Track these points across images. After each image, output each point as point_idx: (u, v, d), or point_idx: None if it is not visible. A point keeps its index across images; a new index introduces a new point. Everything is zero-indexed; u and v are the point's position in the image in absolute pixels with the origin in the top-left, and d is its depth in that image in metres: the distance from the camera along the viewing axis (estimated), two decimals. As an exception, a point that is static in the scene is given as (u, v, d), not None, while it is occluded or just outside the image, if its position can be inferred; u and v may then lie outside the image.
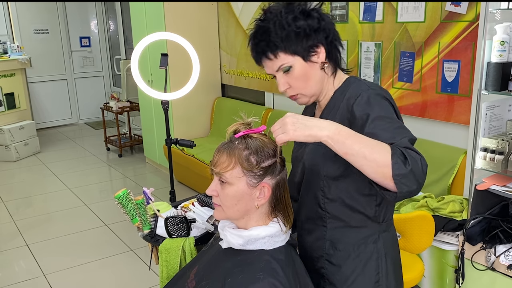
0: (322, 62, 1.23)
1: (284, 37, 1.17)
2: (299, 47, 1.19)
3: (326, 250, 1.32)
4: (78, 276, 3.06)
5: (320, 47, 1.21)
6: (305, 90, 1.25)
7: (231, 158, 1.18)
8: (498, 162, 2.11)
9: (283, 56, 1.20)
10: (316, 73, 1.23)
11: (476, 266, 2.18)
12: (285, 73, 1.22)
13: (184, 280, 1.33)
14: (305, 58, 1.21)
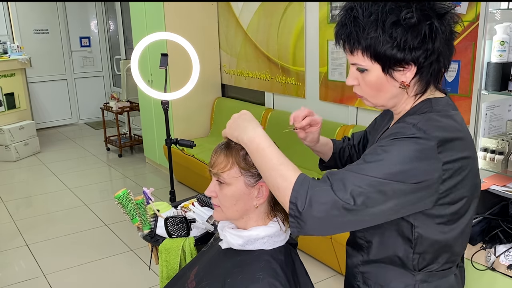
0: (403, 81, 1.02)
1: (371, 39, 0.97)
2: (383, 57, 0.98)
3: (358, 279, 1.19)
4: (78, 276, 3.06)
5: (410, 66, 1.00)
6: (373, 98, 1.07)
7: (228, 158, 1.18)
8: (498, 162, 2.11)
9: (360, 56, 1.01)
10: (392, 89, 1.04)
11: (476, 266, 2.18)
12: (359, 70, 1.04)
13: (184, 281, 1.33)
14: (385, 70, 1.01)
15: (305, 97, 3.83)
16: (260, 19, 4.16)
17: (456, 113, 1.06)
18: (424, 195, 0.96)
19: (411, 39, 0.96)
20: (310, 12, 3.62)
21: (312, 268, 3.00)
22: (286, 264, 1.20)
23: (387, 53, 0.98)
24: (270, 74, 4.18)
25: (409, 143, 0.95)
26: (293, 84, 3.93)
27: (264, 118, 4.18)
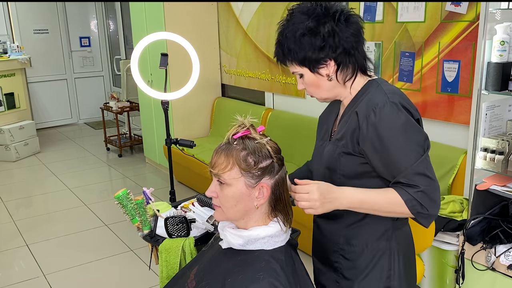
0: (328, 74, 1.27)
1: (292, 50, 1.24)
2: (305, 61, 1.25)
3: (341, 245, 1.37)
4: (78, 276, 3.06)
5: (329, 61, 1.25)
6: (318, 94, 1.33)
7: (229, 159, 1.18)
8: (498, 162, 2.11)
9: (294, 65, 1.28)
10: (325, 83, 1.29)
11: (476, 266, 2.18)
12: (299, 76, 1.31)
13: (184, 281, 1.33)
14: (311, 70, 1.27)
15: (305, 97, 3.83)
16: (260, 19, 4.16)
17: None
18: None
19: (315, 41, 1.22)
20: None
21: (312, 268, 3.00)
22: (287, 264, 1.20)
23: (306, 57, 1.24)
24: (270, 74, 4.18)
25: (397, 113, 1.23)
26: (293, 84, 3.93)
27: (264, 118, 4.18)
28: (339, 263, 1.37)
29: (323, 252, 1.43)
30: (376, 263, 1.34)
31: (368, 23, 3.14)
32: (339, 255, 1.37)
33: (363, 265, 1.34)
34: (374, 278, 1.34)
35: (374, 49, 3.13)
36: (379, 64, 3.11)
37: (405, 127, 1.22)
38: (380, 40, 3.08)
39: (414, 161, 1.20)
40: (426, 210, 1.20)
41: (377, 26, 3.08)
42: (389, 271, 1.34)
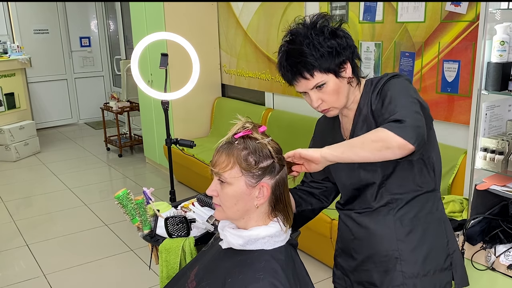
0: (349, 77, 1.32)
1: (319, 57, 1.25)
2: (332, 65, 1.27)
3: (396, 231, 1.37)
4: (78, 276, 3.06)
5: (347, 63, 1.31)
6: (337, 103, 1.33)
7: (230, 158, 1.18)
8: (498, 162, 2.11)
9: (318, 75, 1.27)
10: (345, 87, 1.33)
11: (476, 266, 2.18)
12: (317, 89, 1.30)
13: (184, 281, 1.33)
14: (336, 75, 1.29)
15: (305, 97, 3.83)
16: (260, 19, 4.16)
17: None
18: None
19: (339, 42, 1.29)
20: (310, 12, 3.61)
21: (312, 268, 3.01)
22: (287, 264, 1.20)
23: (334, 61, 1.28)
24: (270, 74, 4.18)
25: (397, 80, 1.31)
26: (293, 84, 3.93)
27: (264, 118, 4.18)
28: (398, 250, 1.36)
29: (372, 248, 1.40)
30: (433, 234, 1.38)
31: (368, 23, 3.14)
32: (396, 242, 1.36)
33: (422, 241, 1.36)
34: (436, 250, 1.38)
35: (374, 49, 3.13)
36: (379, 64, 3.11)
37: (408, 88, 1.28)
38: (380, 40, 3.08)
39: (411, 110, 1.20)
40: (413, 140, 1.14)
41: (377, 26, 3.08)
42: (446, 237, 1.40)
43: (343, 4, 3.29)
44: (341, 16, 3.32)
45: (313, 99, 1.32)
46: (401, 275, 1.36)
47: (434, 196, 1.40)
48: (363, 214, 1.42)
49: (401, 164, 1.32)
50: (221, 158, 1.19)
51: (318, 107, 1.34)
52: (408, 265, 1.36)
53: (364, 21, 3.17)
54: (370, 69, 3.18)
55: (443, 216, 1.43)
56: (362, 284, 1.45)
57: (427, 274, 1.36)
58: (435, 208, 1.40)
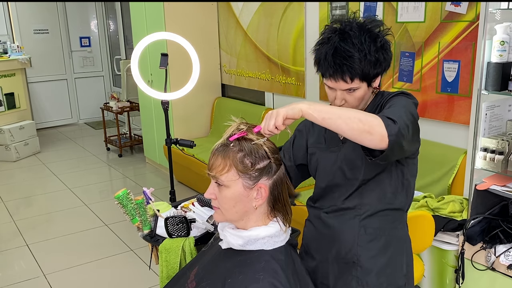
0: (376, 87, 1.36)
1: (365, 66, 1.27)
2: (370, 75, 1.30)
3: (359, 236, 1.39)
4: (78, 276, 3.06)
5: (379, 76, 1.34)
6: (355, 105, 1.34)
7: (226, 161, 1.18)
8: (498, 162, 2.11)
9: (357, 81, 1.29)
10: (369, 95, 1.36)
11: (476, 266, 2.18)
12: (347, 91, 1.31)
13: (184, 281, 1.33)
14: (369, 84, 1.32)
15: (305, 97, 3.83)
16: (260, 19, 4.16)
17: None
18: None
19: (385, 55, 1.30)
20: (310, 12, 3.62)
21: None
22: (287, 264, 1.20)
23: (373, 72, 1.29)
24: (270, 74, 4.18)
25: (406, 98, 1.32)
26: (293, 84, 3.93)
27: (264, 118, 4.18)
28: (357, 255, 1.38)
29: (337, 248, 1.42)
30: (394, 249, 1.40)
31: (368, 23, 3.14)
32: (357, 247, 1.38)
33: (382, 254, 1.38)
34: (394, 265, 1.40)
35: (374, 49, 3.13)
36: (379, 64, 3.11)
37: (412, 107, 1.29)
38: (380, 40, 3.07)
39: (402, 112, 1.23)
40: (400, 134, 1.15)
41: (377, 26, 3.08)
42: (406, 257, 1.43)
43: (343, 4, 3.29)
44: (341, 16, 3.32)
45: (338, 97, 1.33)
46: (355, 280, 1.38)
47: (401, 216, 1.43)
48: (330, 214, 1.44)
49: (381, 174, 1.36)
50: (217, 162, 1.19)
51: (336, 103, 1.35)
52: (364, 272, 1.37)
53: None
54: (370, 69, 3.18)
55: (406, 237, 1.45)
56: (316, 286, 1.46)
57: (379, 286, 1.38)
58: (400, 227, 1.43)
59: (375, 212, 1.38)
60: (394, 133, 1.14)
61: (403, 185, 1.39)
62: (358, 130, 1.14)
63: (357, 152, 1.34)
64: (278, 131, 1.18)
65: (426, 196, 2.58)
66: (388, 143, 1.13)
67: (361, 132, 1.14)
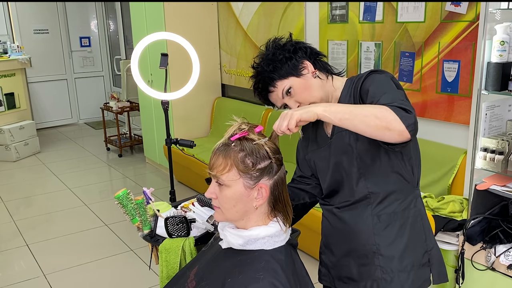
0: (312, 72, 1.38)
1: (273, 69, 1.36)
2: (288, 70, 1.36)
3: (374, 225, 1.39)
4: (78, 276, 3.06)
5: (305, 62, 1.38)
6: (312, 98, 1.37)
7: (227, 160, 1.18)
8: (498, 162, 2.11)
9: (279, 82, 1.36)
10: (313, 82, 1.38)
11: (476, 266, 2.18)
12: (288, 95, 1.37)
13: (184, 280, 1.33)
14: (297, 75, 1.36)
15: (305, 97, 3.82)
16: (260, 19, 4.16)
17: None
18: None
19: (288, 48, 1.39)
20: (310, 12, 3.62)
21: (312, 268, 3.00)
22: (287, 264, 1.20)
23: (289, 66, 1.36)
24: (270, 74, 4.17)
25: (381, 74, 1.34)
26: (293, 84, 3.93)
27: (264, 118, 4.18)
28: (376, 244, 1.38)
29: (352, 242, 1.42)
30: (411, 230, 1.39)
31: (368, 23, 3.14)
32: (374, 236, 1.38)
33: (400, 236, 1.38)
34: (414, 245, 1.39)
35: (374, 49, 3.13)
36: (379, 64, 3.11)
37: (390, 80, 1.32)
38: (380, 40, 3.08)
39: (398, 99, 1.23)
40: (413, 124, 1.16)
41: (377, 26, 3.08)
42: (424, 234, 1.42)
43: (343, 4, 3.29)
44: (341, 16, 3.32)
45: (291, 105, 1.38)
46: (379, 269, 1.38)
47: (413, 192, 1.42)
48: (342, 209, 1.44)
49: (378, 158, 1.35)
50: (218, 161, 1.19)
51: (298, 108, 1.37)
52: (386, 260, 1.38)
53: (364, 21, 3.17)
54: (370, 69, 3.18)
55: (421, 213, 1.44)
56: (342, 280, 1.47)
57: (404, 269, 1.38)
58: (413, 204, 1.42)
59: (384, 197, 1.38)
60: (411, 123, 1.15)
61: (405, 161, 1.38)
62: (375, 127, 1.14)
63: (345, 141, 1.37)
64: (290, 132, 1.18)
65: (426, 196, 2.58)
66: (409, 135, 1.15)
67: (379, 129, 1.14)
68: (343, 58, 3.37)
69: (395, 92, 1.26)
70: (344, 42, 3.33)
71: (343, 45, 3.35)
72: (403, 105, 1.17)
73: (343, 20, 3.31)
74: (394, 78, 1.35)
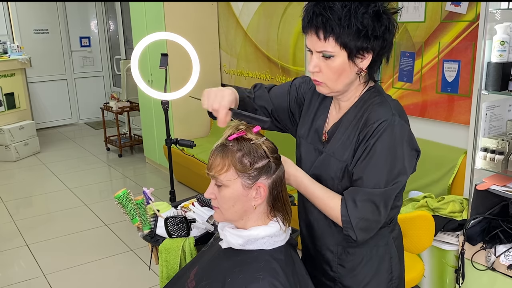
0: (361, 68, 1.18)
1: (345, 27, 1.10)
2: (352, 44, 1.13)
3: (338, 255, 1.34)
4: (78, 276, 3.06)
5: (369, 54, 1.17)
6: (333, 83, 1.20)
7: (225, 160, 1.18)
8: (498, 162, 2.11)
9: (332, 43, 1.13)
10: (350, 75, 1.20)
11: (476, 266, 2.18)
12: (324, 57, 1.17)
13: (184, 280, 1.33)
14: (350, 56, 1.15)
15: (305, 97, 3.82)
16: (260, 19, 4.16)
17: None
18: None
19: (377, 28, 1.13)
20: (310, 12, 3.61)
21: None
22: (286, 264, 1.20)
23: (357, 42, 1.12)
24: (270, 74, 4.18)
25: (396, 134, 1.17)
26: (293, 84, 3.93)
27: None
28: (337, 272, 1.34)
29: (317, 263, 1.39)
30: (377, 269, 1.32)
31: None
32: (337, 265, 1.34)
33: (363, 273, 1.32)
34: (377, 283, 1.33)
35: (374, 49, 3.13)
36: (379, 64, 3.11)
37: (396, 153, 1.16)
38: (380, 40, 3.07)
39: (380, 186, 1.17)
40: (355, 237, 1.19)
41: (377, 26, 3.07)
42: (390, 274, 1.34)
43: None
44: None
45: (313, 62, 1.19)
46: None
47: (387, 228, 1.33)
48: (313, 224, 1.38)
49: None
50: (216, 161, 1.20)
51: (313, 74, 1.21)
52: None
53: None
54: (370, 69, 3.18)
55: (391, 251, 1.34)
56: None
57: None
58: (384, 242, 1.33)
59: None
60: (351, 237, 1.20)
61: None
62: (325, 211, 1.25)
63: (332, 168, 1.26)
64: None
65: (426, 196, 2.58)
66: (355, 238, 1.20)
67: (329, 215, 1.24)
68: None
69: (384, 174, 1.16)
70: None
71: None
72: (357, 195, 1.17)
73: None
74: (408, 137, 1.17)
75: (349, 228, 1.18)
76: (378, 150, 1.15)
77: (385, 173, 1.16)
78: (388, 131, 1.14)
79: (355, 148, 1.21)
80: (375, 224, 1.21)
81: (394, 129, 1.15)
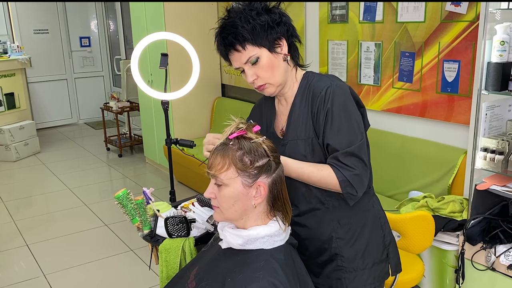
0: (285, 54, 1.34)
1: (251, 30, 1.27)
2: (264, 39, 1.29)
3: (334, 229, 1.41)
4: (78, 276, 3.06)
5: (283, 40, 1.33)
6: (272, 79, 1.34)
7: (225, 159, 1.18)
8: (498, 162, 2.11)
9: (250, 48, 1.29)
10: (281, 64, 1.34)
11: (476, 266, 2.18)
12: (253, 65, 1.31)
13: (184, 281, 1.33)
14: (270, 50, 1.31)
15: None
16: (260, 19, 4.16)
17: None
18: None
19: (273, 17, 1.29)
20: (310, 12, 3.62)
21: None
22: (286, 263, 1.20)
23: (267, 36, 1.29)
24: (270, 74, 4.17)
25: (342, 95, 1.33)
26: (293, 84, 3.93)
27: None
28: (338, 247, 1.41)
29: (315, 244, 1.44)
30: (370, 230, 1.44)
31: (368, 23, 3.14)
32: (336, 240, 1.41)
33: (360, 238, 1.42)
34: (374, 243, 1.45)
35: (374, 49, 3.13)
36: (379, 64, 3.11)
37: (349, 109, 1.31)
38: (380, 40, 3.08)
39: (353, 143, 1.29)
40: (355, 191, 1.30)
41: (377, 26, 3.08)
42: (382, 232, 1.48)
43: (343, 4, 3.29)
44: (341, 16, 3.32)
45: (248, 74, 1.33)
46: (344, 270, 1.42)
47: (368, 193, 1.45)
48: (303, 216, 1.45)
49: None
50: (217, 160, 1.20)
51: (254, 83, 1.35)
52: (348, 261, 1.41)
53: (364, 21, 3.17)
54: (370, 69, 3.18)
55: (379, 212, 1.50)
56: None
57: (365, 267, 1.43)
58: (371, 205, 1.47)
59: (339, 202, 1.40)
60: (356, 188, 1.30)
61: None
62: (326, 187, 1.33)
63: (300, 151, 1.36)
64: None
65: (426, 196, 2.58)
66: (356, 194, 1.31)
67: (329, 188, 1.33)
68: (343, 58, 3.37)
69: (351, 133, 1.30)
70: (344, 42, 3.33)
71: (343, 45, 3.35)
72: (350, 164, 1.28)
73: (343, 20, 3.31)
74: (351, 94, 1.34)
75: (348, 186, 1.29)
76: (336, 113, 1.30)
77: (351, 130, 1.31)
78: (336, 94, 1.31)
79: (313, 122, 1.34)
80: (365, 177, 1.33)
81: (339, 91, 1.32)
